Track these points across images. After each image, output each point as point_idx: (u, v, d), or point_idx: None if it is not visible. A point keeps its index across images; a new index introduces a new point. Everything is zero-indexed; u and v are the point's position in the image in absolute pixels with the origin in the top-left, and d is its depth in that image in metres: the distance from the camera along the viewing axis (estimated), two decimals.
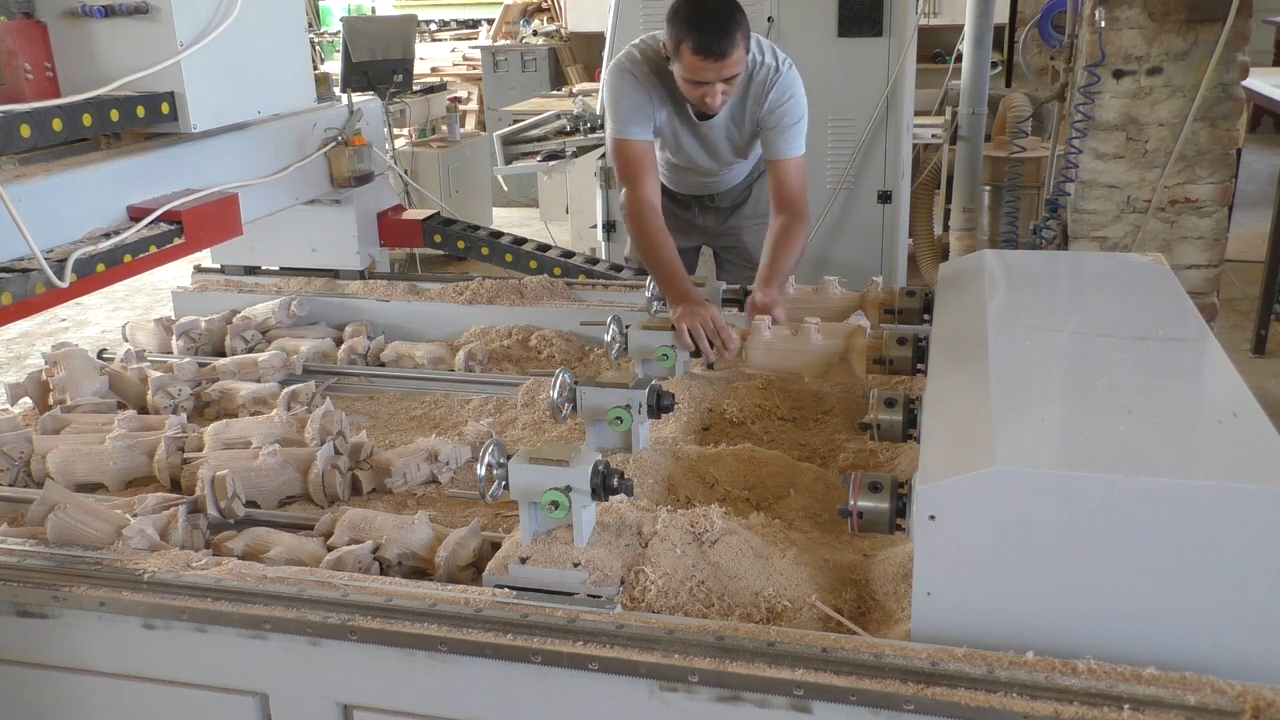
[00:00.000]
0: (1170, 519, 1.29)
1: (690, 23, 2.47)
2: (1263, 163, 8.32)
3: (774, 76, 2.69)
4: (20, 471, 2.23)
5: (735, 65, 2.52)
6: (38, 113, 2.12)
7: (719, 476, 2.01)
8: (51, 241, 2.13)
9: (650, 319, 2.47)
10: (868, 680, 1.36)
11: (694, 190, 3.22)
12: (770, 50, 2.72)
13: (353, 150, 3.07)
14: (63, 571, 1.70)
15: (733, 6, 2.51)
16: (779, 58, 2.72)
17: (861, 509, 1.53)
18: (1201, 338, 1.74)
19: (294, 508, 2.12)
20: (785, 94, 2.69)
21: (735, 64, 2.51)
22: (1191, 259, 3.77)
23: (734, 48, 2.48)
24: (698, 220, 3.29)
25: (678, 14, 2.51)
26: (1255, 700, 1.25)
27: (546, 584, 1.61)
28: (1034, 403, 1.56)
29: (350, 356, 2.84)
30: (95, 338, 5.85)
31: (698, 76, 2.54)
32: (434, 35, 11.98)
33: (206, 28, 2.50)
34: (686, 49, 2.49)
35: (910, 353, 2.18)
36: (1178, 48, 3.58)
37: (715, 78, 2.53)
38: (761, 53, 2.70)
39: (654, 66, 2.69)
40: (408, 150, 6.97)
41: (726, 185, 3.17)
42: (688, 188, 3.21)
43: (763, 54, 2.70)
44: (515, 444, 2.30)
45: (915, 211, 5.40)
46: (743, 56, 2.53)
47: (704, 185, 3.17)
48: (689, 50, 2.48)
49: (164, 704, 1.70)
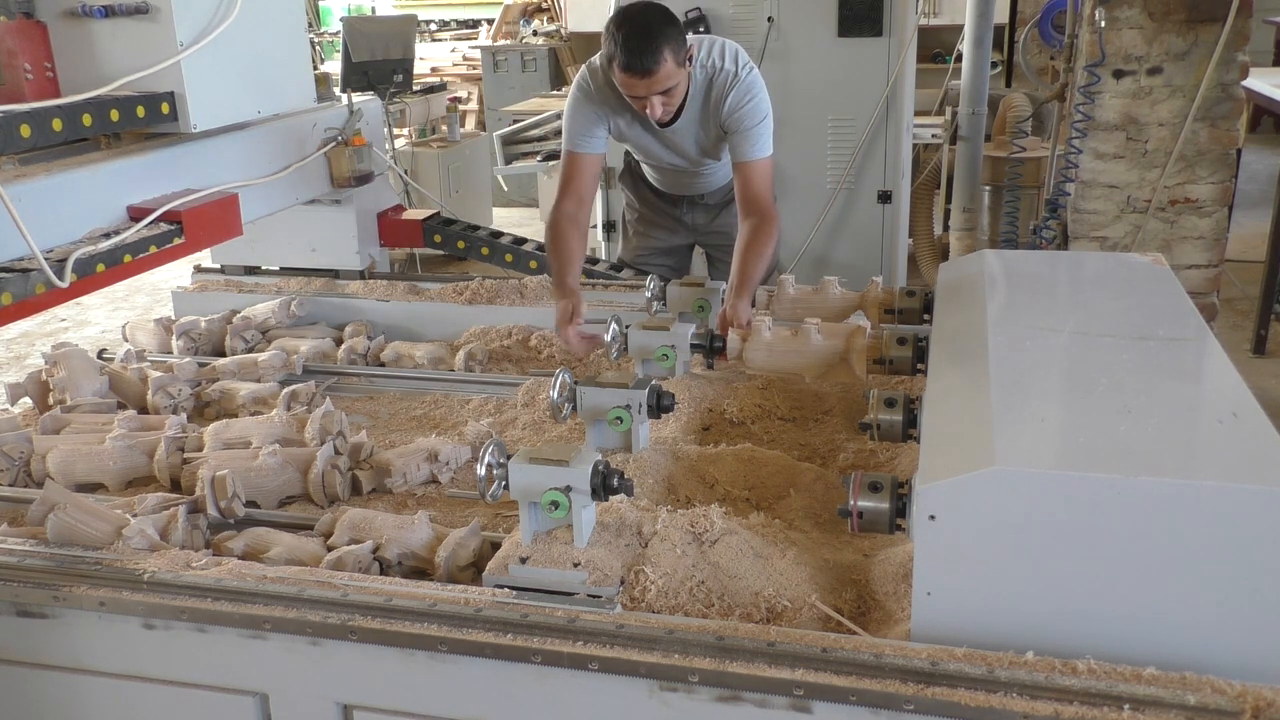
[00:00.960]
0: (1170, 519, 1.29)
1: (617, 40, 2.50)
2: (1263, 163, 8.31)
3: (732, 81, 2.70)
4: (20, 471, 2.23)
5: (665, 80, 2.53)
6: (38, 113, 2.12)
7: (719, 476, 2.01)
8: (51, 241, 2.13)
9: (650, 319, 2.47)
10: (868, 680, 1.37)
11: (681, 190, 3.24)
12: (732, 55, 2.73)
13: (353, 150, 3.07)
14: (63, 571, 1.70)
15: (662, 21, 2.52)
16: (739, 62, 2.73)
17: (861, 509, 1.53)
18: (1201, 338, 1.74)
19: (294, 508, 2.12)
20: (744, 97, 2.70)
21: (665, 79, 2.53)
22: (1191, 259, 3.77)
23: (659, 64, 2.49)
24: (686, 218, 3.30)
25: (608, 31, 2.55)
26: (1255, 700, 1.25)
27: (546, 584, 1.61)
28: (1034, 403, 1.56)
29: (350, 356, 2.84)
30: (95, 338, 5.85)
31: (630, 92, 2.59)
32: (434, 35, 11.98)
33: (206, 28, 2.51)
34: (617, 66, 2.53)
35: (910, 353, 2.18)
36: (1178, 48, 3.57)
37: (646, 93, 2.56)
38: (721, 58, 2.72)
39: (609, 77, 2.69)
40: (408, 150, 6.97)
41: (713, 185, 3.18)
42: (675, 187, 3.23)
43: (722, 60, 2.72)
44: (515, 444, 2.30)
45: (915, 211, 5.40)
46: (674, 70, 2.54)
47: (689, 185, 3.19)
48: (618, 68, 2.53)
49: (164, 704, 1.70)
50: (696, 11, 4.49)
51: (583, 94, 2.77)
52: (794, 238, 4.64)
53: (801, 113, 4.48)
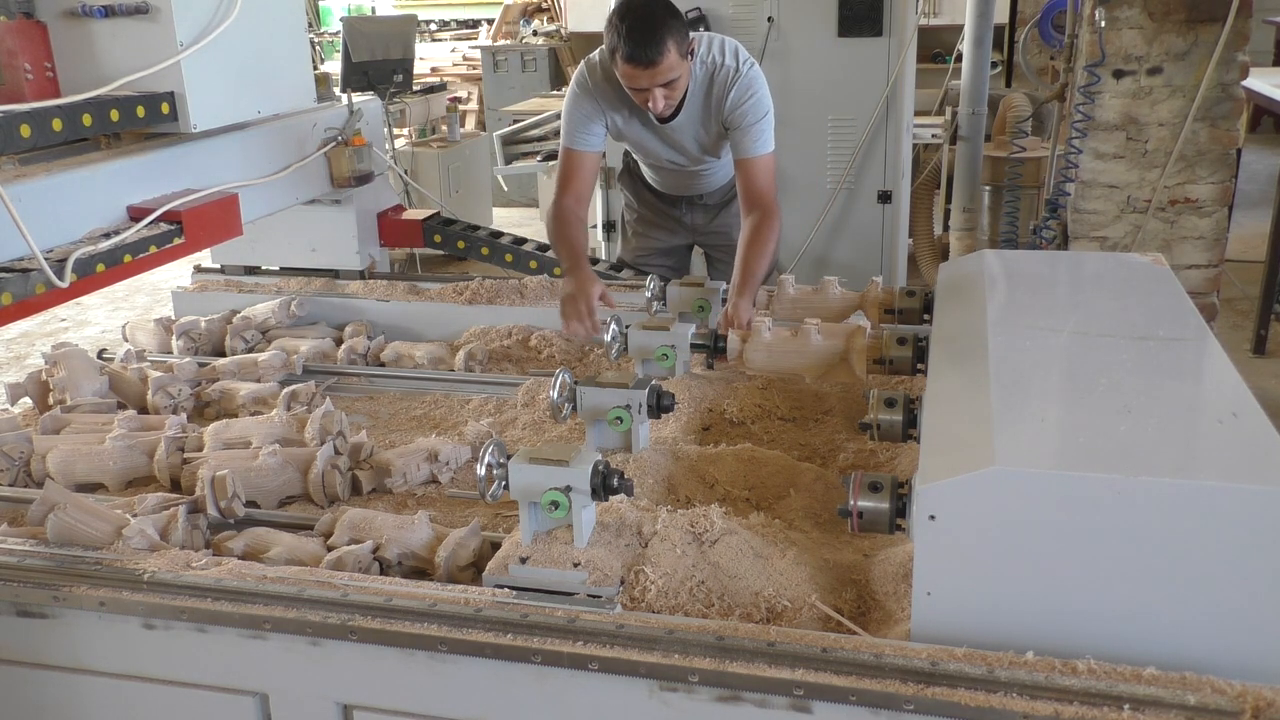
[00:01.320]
0: (1170, 519, 1.29)
1: (620, 31, 2.51)
2: (1263, 163, 8.32)
3: (734, 77, 2.71)
4: (20, 471, 2.23)
5: (668, 71, 2.54)
6: (38, 113, 2.12)
7: (719, 476, 2.01)
8: (51, 241, 2.13)
9: (650, 319, 2.47)
10: (868, 680, 1.37)
11: (680, 190, 3.24)
12: (732, 51, 2.75)
13: (353, 150, 3.07)
14: (63, 571, 1.70)
15: (665, 13, 2.53)
16: (740, 58, 2.74)
17: (861, 509, 1.53)
18: (1201, 338, 1.74)
19: (294, 508, 2.12)
20: (746, 93, 2.71)
21: (668, 70, 2.54)
22: (1191, 259, 3.77)
23: (663, 55, 2.50)
24: (686, 218, 3.30)
25: (610, 22, 2.55)
26: (1255, 700, 1.25)
27: (546, 584, 1.61)
28: (1034, 403, 1.56)
29: (350, 356, 2.84)
30: (95, 338, 5.85)
31: (633, 84, 2.60)
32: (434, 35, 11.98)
33: (206, 28, 2.51)
34: (620, 58, 2.54)
35: (910, 353, 2.18)
36: (1178, 48, 3.58)
37: (649, 84, 2.57)
38: (722, 54, 2.73)
39: (608, 73, 2.72)
40: (408, 150, 6.97)
41: (712, 185, 3.18)
42: (673, 188, 3.23)
43: (723, 55, 2.73)
44: (515, 444, 2.30)
45: (915, 211, 5.40)
46: (677, 62, 2.55)
47: (688, 185, 3.19)
48: (621, 59, 2.53)
49: (164, 704, 1.70)
50: (697, 11, 4.50)
51: (581, 90, 2.78)
52: (794, 238, 4.64)
53: (801, 113, 4.48)
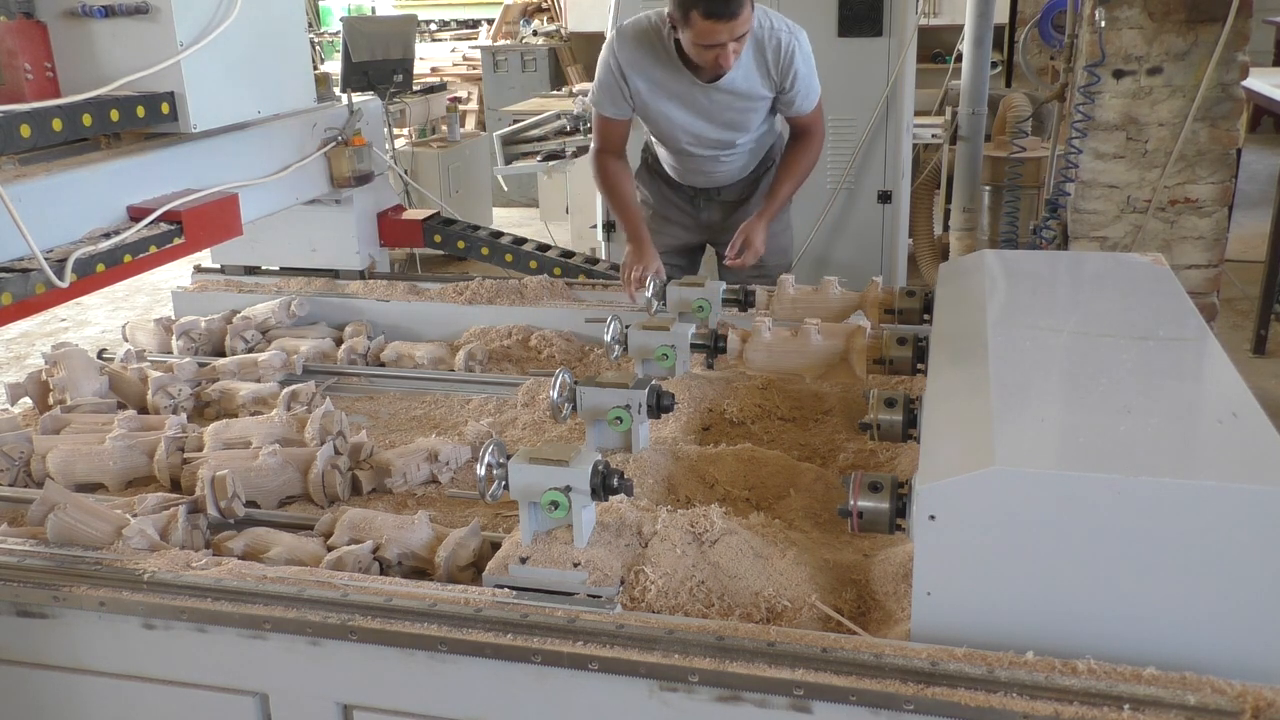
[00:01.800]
0: (1170, 519, 1.29)
1: None
2: (1263, 163, 8.32)
3: (789, 41, 2.84)
4: (20, 471, 2.23)
5: (745, 23, 2.65)
6: (38, 113, 2.12)
7: (719, 476, 2.01)
8: (51, 241, 2.13)
9: (650, 319, 2.47)
10: (868, 680, 1.37)
11: (697, 181, 3.21)
12: (778, 16, 2.88)
13: (353, 150, 3.07)
14: (63, 571, 1.70)
15: None
16: (787, 24, 2.87)
17: (861, 509, 1.53)
18: (1201, 338, 1.74)
19: (294, 508, 2.12)
20: (805, 60, 2.89)
21: (745, 21, 2.64)
22: (1191, 259, 3.77)
23: (743, 6, 2.60)
24: (702, 215, 3.29)
25: None
26: (1255, 700, 1.25)
27: (546, 584, 1.61)
28: (1034, 403, 1.56)
29: (350, 356, 2.84)
30: (95, 338, 5.85)
31: (710, 40, 2.65)
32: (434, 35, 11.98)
33: (206, 28, 2.50)
34: (697, 15, 2.60)
35: (910, 353, 2.18)
36: (1178, 48, 3.58)
37: (728, 38, 2.64)
38: (767, 17, 2.84)
39: (641, 41, 2.84)
40: (408, 150, 6.97)
41: (731, 175, 3.18)
42: (691, 178, 3.21)
43: (770, 20, 2.84)
44: (515, 444, 2.30)
45: (915, 211, 5.40)
46: (750, 13, 2.65)
47: (707, 175, 3.18)
48: (700, 16, 2.59)
49: (164, 704, 1.70)
50: None
51: (606, 61, 2.93)
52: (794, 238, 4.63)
53: None
